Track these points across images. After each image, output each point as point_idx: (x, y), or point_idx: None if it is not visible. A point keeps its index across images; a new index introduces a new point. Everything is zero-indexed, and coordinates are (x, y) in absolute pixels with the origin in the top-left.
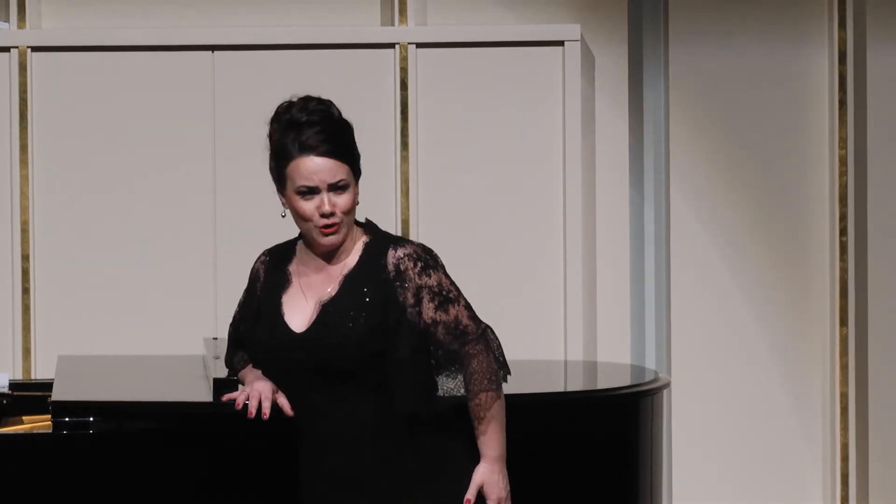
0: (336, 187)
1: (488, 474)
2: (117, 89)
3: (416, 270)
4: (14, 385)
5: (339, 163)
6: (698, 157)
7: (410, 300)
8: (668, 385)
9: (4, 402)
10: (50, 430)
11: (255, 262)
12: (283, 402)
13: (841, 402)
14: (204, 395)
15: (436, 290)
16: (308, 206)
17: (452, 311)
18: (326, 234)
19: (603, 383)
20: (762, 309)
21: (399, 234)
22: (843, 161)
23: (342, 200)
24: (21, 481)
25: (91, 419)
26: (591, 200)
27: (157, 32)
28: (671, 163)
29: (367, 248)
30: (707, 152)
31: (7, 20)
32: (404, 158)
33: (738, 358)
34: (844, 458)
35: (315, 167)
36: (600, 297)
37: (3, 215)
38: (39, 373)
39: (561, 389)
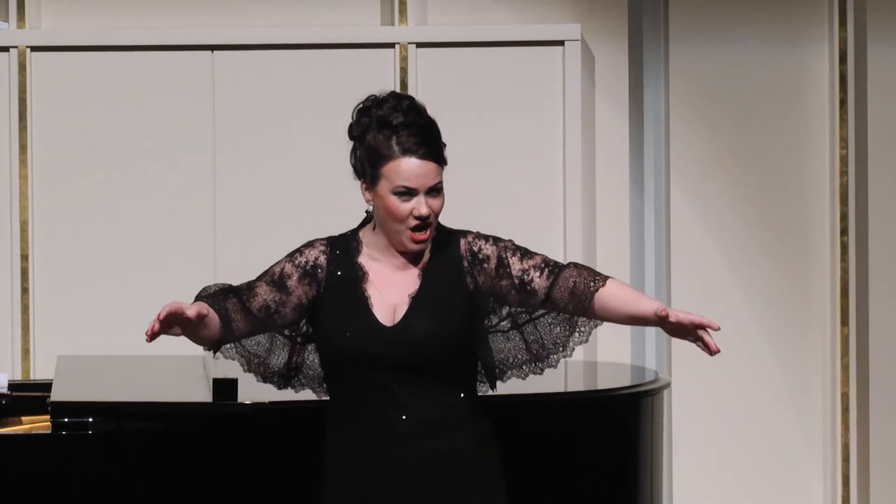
0: (433, 190)
1: (665, 306)
2: (117, 89)
3: (489, 243)
4: (13, 385)
5: (437, 165)
6: (698, 157)
7: (493, 272)
8: (668, 385)
9: (4, 402)
10: (49, 431)
11: (309, 248)
12: (191, 312)
13: (842, 402)
14: (203, 395)
15: (513, 247)
16: (404, 207)
17: (537, 257)
18: (417, 240)
19: (603, 383)
20: (762, 309)
21: None
22: (843, 161)
23: (437, 203)
24: (20, 481)
25: (90, 420)
26: (591, 200)
27: (157, 32)
28: (671, 163)
29: (435, 242)
30: (707, 152)
31: (7, 20)
32: None
33: (738, 358)
34: (845, 459)
35: (417, 169)
36: None
37: (3, 215)
38: (38, 373)
39: (561, 389)
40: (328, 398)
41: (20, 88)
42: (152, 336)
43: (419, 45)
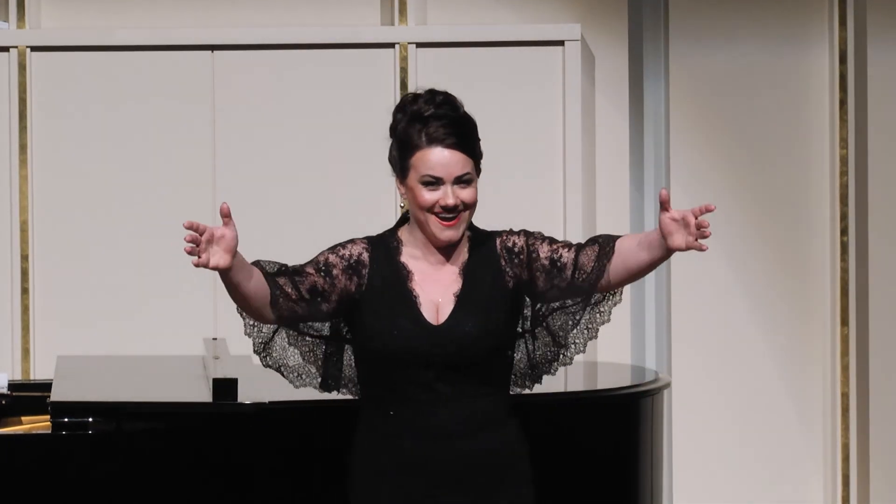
0: (461, 180)
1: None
2: (117, 89)
3: (520, 235)
4: (13, 385)
5: (466, 157)
6: (698, 157)
7: (525, 260)
8: (668, 385)
9: (4, 402)
10: (49, 431)
11: (351, 244)
12: (219, 232)
13: (842, 402)
14: (203, 395)
15: (541, 236)
16: (431, 196)
17: (561, 239)
18: (446, 228)
19: (603, 383)
20: (762, 309)
21: None
22: (843, 161)
23: (466, 194)
24: (20, 481)
25: (90, 420)
26: (591, 200)
27: (157, 32)
28: (671, 163)
29: (473, 242)
30: (707, 152)
31: (7, 20)
32: None
33: (738, 358)
34: (845, 459)
35: (443, 159)
36: None
37: (3, 215)
38: (38, 373)
39: (561, 389)
40: (355, 398)
41: (20, 88)
42: (195, 253)
43: (419, 45)
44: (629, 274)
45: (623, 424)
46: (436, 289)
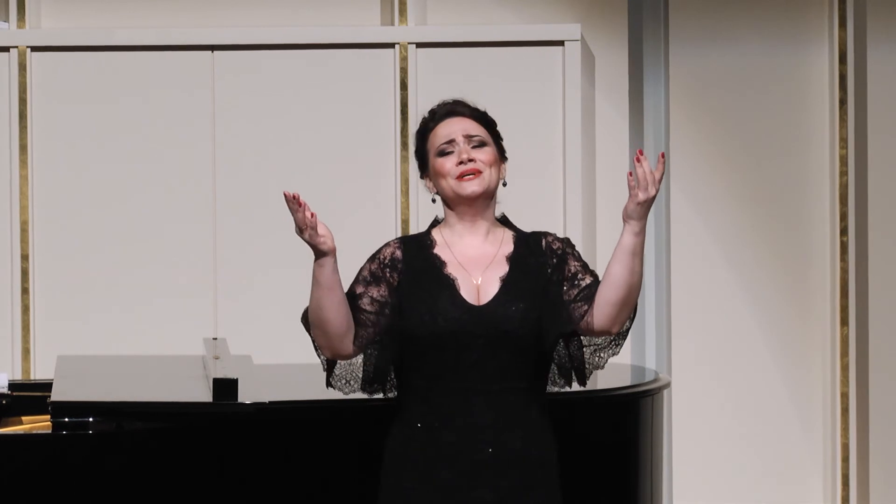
0: (472, 142)
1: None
2: (117, 89)
3: (563, 242)
4: (13, 385)
5: (477, 123)
6: (698, 157)
7: (558, 261)
8: (668, 385)
9: (4, 402)
10: (49, 431)
11: (385, 247)
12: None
13: (842, 402)
14: (204, 395)
15: (578, 254)
16: (449, 161)
17: (589, 268)
18: (466, 182)
19: (603, 383)
20: (762, 309)
21: (399, 234)
22: (843, 161)
23: (483, 155)
24: (21, 481)
25: (90, 419)
26: (592, 200)
27: (157, 32)
28: (671, 163)
29: (518, 238)
30: (707, 152)
31: (7, 20)
32: (404, 158)
33: (738, 358)
34: (845, 459)
35: (451, 125)
36: None
37: (3, 215)
38: (39, 373)
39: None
40: (359, 398)
41: (20, 88)
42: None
43: (419, 45)
44: (614, 280)
45: (623, 424)
46: (476, 271)
